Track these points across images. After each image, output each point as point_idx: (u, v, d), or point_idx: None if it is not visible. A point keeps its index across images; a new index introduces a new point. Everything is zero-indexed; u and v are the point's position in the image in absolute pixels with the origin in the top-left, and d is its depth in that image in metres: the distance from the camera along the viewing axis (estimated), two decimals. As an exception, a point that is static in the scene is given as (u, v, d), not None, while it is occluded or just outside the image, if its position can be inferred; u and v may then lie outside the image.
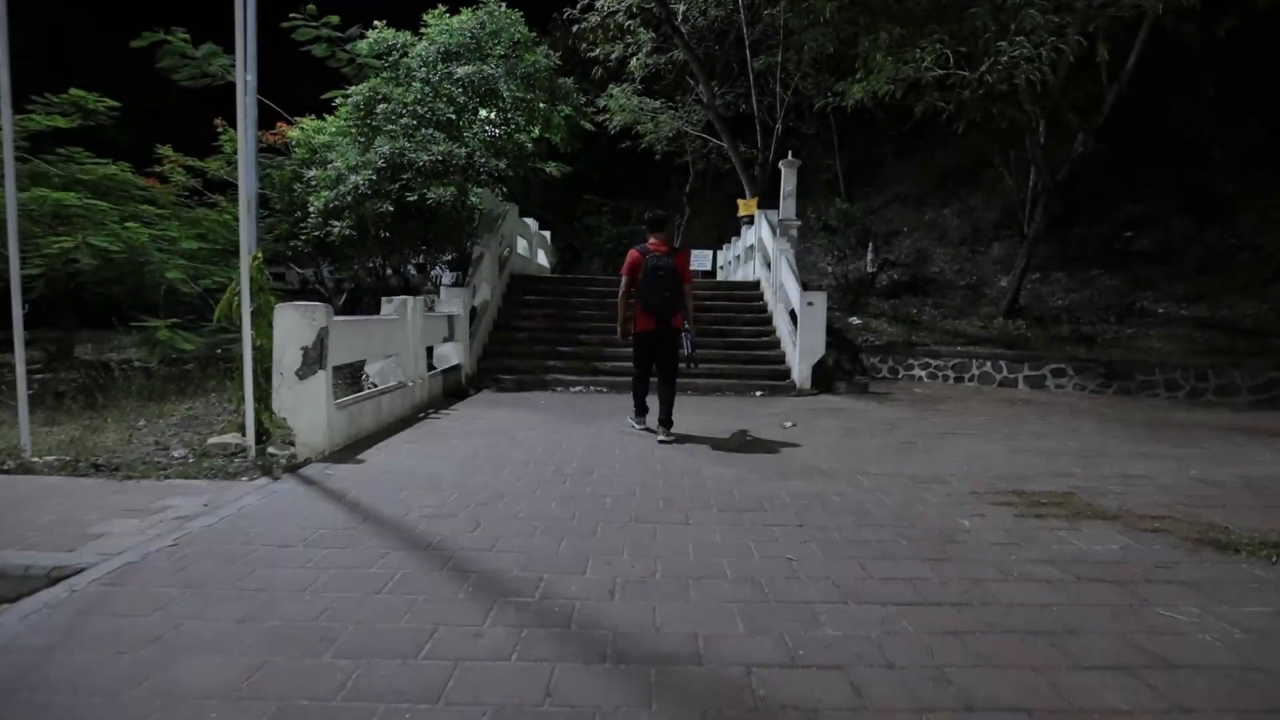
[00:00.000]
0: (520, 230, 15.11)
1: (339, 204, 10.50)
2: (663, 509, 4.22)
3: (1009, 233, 18.54)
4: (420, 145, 10.18)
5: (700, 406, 8.69)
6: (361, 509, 4.15)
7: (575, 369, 10.73)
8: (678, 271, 6.40)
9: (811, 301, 10.22)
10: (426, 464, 5.33)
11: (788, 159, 14.37)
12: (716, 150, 19.86)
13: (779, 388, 10.26)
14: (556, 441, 6.28)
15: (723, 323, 12.31)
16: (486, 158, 10.61)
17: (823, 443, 6.42)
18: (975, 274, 18.08)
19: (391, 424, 6.89)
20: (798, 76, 16.75)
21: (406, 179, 10.17)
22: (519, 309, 12.64)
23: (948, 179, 21.53)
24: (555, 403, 8.84)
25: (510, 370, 10.68)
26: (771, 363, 11.08)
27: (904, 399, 9.86)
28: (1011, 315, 14.86)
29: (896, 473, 5.23)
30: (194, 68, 14.35)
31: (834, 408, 8.84)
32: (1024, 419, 8.11)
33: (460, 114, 10.93)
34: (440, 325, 9.52)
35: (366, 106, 10.88)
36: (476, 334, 10.97)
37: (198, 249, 12.41)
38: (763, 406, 8.87)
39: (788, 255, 11.75)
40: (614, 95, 18.32)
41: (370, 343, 6.81)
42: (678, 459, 5.63)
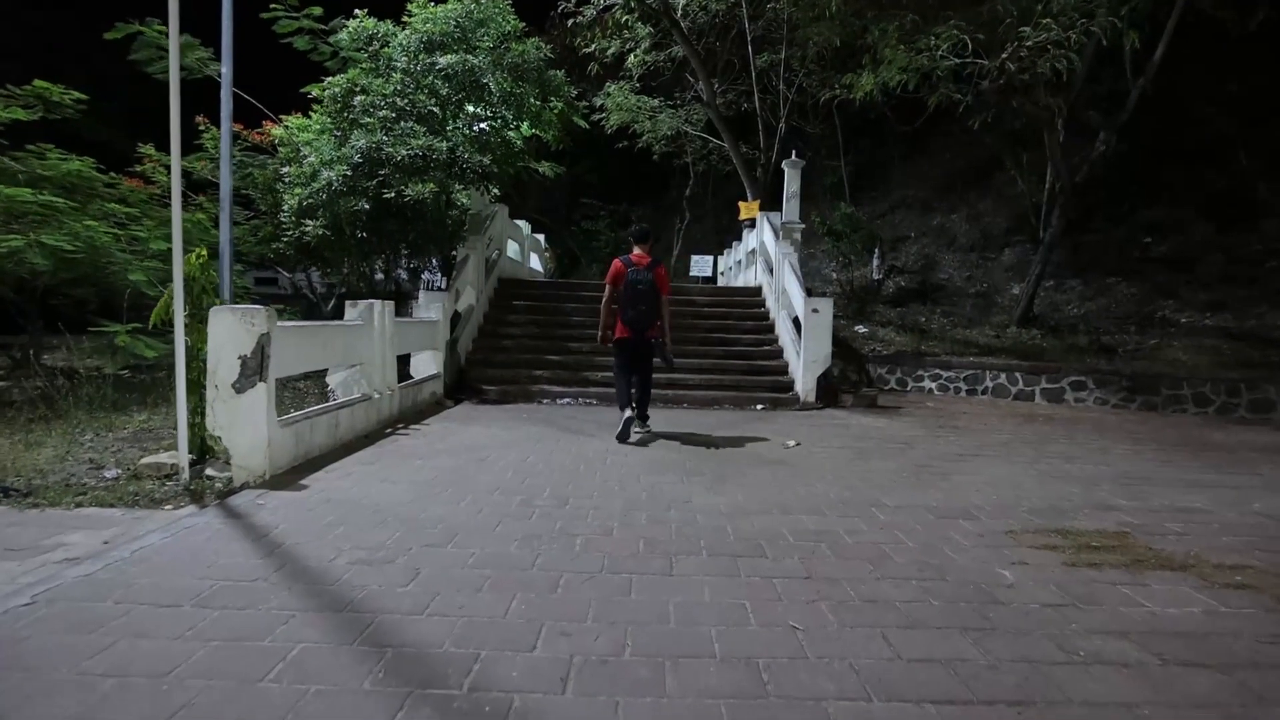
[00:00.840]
0: (511, 233, 14.46)
1: (313, 202, 9.87)
2: (643, 553, 3.54)
3: (1021, 238, 17.89)
4: (399, 139, 9.53)
5: (695, 421, 8.01)
6: (283, 551, 3.47)
7: (564, 379, 10.05)
8: (656, 286, 6.81)
9: (817, 308, 9.54)
10: (378, 491, 4.65)
11: (791, 159, 13.72)
12: (717, 151, 19.21)
13: (781, 400, 9.58)
14: (533, 463, 5.60)
15: (722, 331, 11.64)
16: (470, 153, 9.94)
17: (830, 466, 5.73)
18: (986, 281, 17.43)
19: (351, 442, 6.21)
20: (802, 73, 16.10)
21: (384, 175, 9.52)
22: (506, 315, 11.97)
23: (956, 183, 20.88)
24: (539, 416, 8.16)
25: (494, 380, 10.01)
26: (773, 374, 10.40)
27: (916, 414, 9.18)
28: (1025, 324, 14.21)
29: (916, 504, 4.55)
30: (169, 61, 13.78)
31: (841, 424, 8.16)
32: (1049, 438, 7.42)
33: (443, 107, 10.28)
34: (417, 332, 8.86)
35: (343, 99, 10.24)
36: (459, 341, 10.31)
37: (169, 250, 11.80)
38: (763, 422, 8.19)
39: (791, 259, 11.09)
40: (611, 94, 17.68)
41: (327, 351, 6.13)
42: (665, 486, 4.95)
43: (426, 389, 8.72)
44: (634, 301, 6.74)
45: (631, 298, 6.74)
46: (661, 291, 6.85)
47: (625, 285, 6.77)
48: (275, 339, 5.05)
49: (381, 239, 10.42)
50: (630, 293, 6.74)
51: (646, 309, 6.77)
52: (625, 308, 6.78)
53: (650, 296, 6.76)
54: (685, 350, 10.84)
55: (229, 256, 11.49)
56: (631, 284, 6.74)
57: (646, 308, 6.76)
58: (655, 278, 6.79)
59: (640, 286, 6.73)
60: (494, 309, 12.08)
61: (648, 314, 6.78)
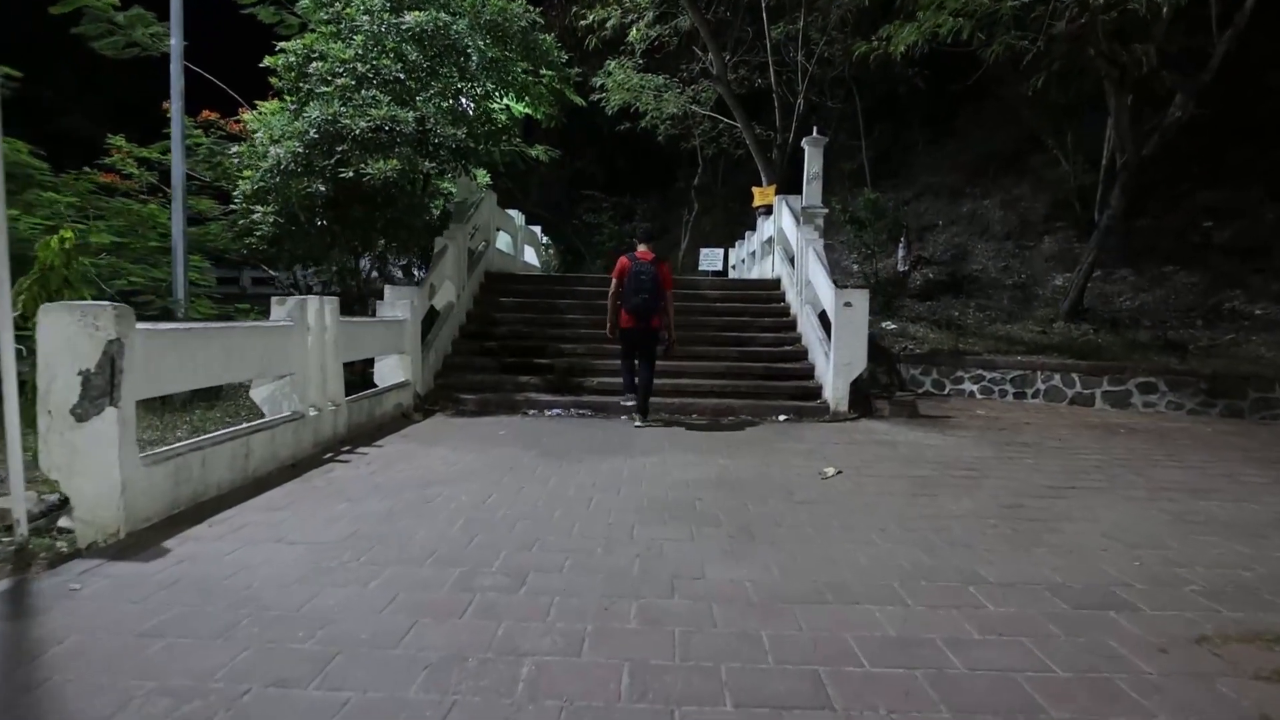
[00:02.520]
0: (501, 222, 13.09)
1: (264, 185, 8.52)
2: (629, 694, 2.16)
3: (1063, 224, 16.42)
4: (358, 110, 8.17)
5: (708, 438, 6.62)
6: (38, 696, 2.10)
7: (554, 386, 8.67)
8: (658, 278, 7.34)
9: (849, 302, 8.11)
10: (263, 560, 3.28)
11: (812, 136, 12.31)
12: (728, 132, 17.72)
13: (808, 410, 8.16)
14: (494, 506, 4.22)
15: (736, 329, 10.22)
16: (442, 125, 8.56)
17: (888, 508, 4.32)
18: (1024, 272, 15.96)
19: (271, 474, 4.85)
20: (822, 42, 14.62)
21: (342, 152, 8.16)
22: (492, 312, 10.60)
23: (988, 167, 19.37)
24: (520, 432, 6.79)
25: (474, 388, 8.64)
26: (797, 378, 8.98)
27: (969, 425, 7.75)
28: (1074, 318, 12.75)
29: (1032, 581, 3.13)
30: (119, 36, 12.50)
31: (883, 440, 6.74)
32: (1147, 457, 5.98)
33: (412, 74, 8.90)
34: (377, 334, 7.50)
35: (299, 68, 8.89)
36: (434, 343, 8.94)
37: (111, 244, 10.50)
38: (788, 438, 6.78)
39: (816, 246, 9.66)
40: (611, 72, 16.25)
41: (236, 360, 4.75)
42: (667, 546, 3.55)
43: (389, 400, 7.36)
44: (637, 290, 7.23)
45: (635, 287, 7.25)
46: (664, 284, 7.36)
47: (629, 276, 7.30)
48: (137, 347, 3.69)
49: (346, 228, 9.05)
50: (634, 282, 7.26)
51: (649, 297, 7.24)
52: (629, 297, 7.28)
53: (652, 286, 7.25)
54: (694, 351, 9.45)
55: (182, 250, 10.18)
56: (635, 274, 7.28)
57: (649, 296, 7.23)
58: (658, 270, 7.34)
59: (643, 276, 7.25)
60: (479, 306, 10.71)
61: (650, 302, 7.27)
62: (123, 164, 11.67)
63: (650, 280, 7.23)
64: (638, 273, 7.26)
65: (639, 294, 7.22)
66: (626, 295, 7.28)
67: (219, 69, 12.38)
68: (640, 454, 5.84)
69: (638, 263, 7.33)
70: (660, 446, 6.18)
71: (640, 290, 7.22)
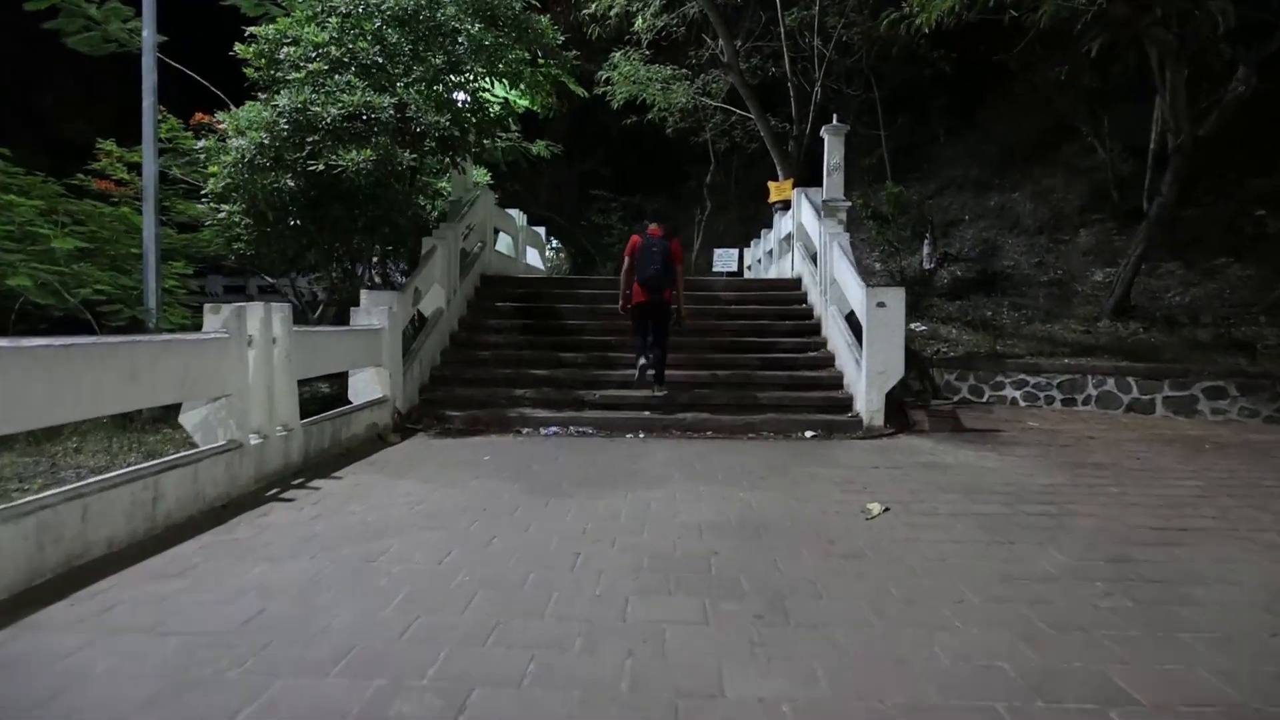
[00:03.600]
0: (500, 222, 12.21)
1: (231, 180, 7.67)
2: None
3: (1099, 216, 15.36)
4: (329, 96, 7.30)
5: (724, 461, 5.66)
6: None
7: (552, 401, 7.76)
8: (668, 251, 7.53)
9: (883, 302, 7.14)
10: (115, 664, 2.37)
11: (832, 124, 11.33)
12: (741, 125, 16.74)
13: (838, 425, 7.19)
14: (451, 569, 3.30)
15: (754, 333, 9.25)
16: (424, 111, 7.66)
17: (959, 568, 3.35)
18: (1060, 267, 14.92)
19: (189, 520, 3.95)
20: (840, 24, 13.63)
21: (313, 142, 7.29)
22: (487, 318, 9.71)
23: (1015, 158, 18.32)
24: (508, 457, 5.87)
25: (463, 403, 7.74)
26: (824, 387, 8.02)
27: (1024, 440, 6.75)
28: (1121, 316, 11.72)
29: (1195, 699, 2.16)
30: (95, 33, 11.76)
31: (930, 461, 5.76)
32: (1258, 484, 4.96)
33: (392, 58, 8.03)
34: (348, 345, 6.62)
35: (270, 55, 8.04)
36: (419, 353, 8.05)
37: (75, 249, 9.71)
38: (819, 461, 5.82)
39: (841, 241, 8.69)
40: (616, 64, 15.33)
41: (145, 384, 3.85)
42: (671, 636, 2.59)
43: (361, 420, 6.46)
44: (647, 262, 7.46)
45: (646, 259, 7.47)
46: (674, 258, 7.58)
47: (640, 249, 7.54)
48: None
49: (322, 228, 8.18)
50: (645, 255, 7.49)
51: (659, 269, 7.44)
52: (640, 270, 7.49)
53: (661, 258, 7.47)
54: (708, 360, 8.54)
55: (154, 253, 9.36)
56: (646, 247, 7.52)
57: (659, 267, 7.44)
58: (668, 245, 7.56)
59: (654, 249, 7.49)
60: (473, 312, 9.82)
61: (660, 274, 7.46)
62: (113, 169, 10.94)
63: (661, 253, 7.46)
64: (648, 246, 7.50)
65: (650, 265, 7.42)
66: (638, 268, 7.49)
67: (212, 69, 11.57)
68: (644, 485, 4.91)
69: (648, 238, 7.60)
70: (669, 475, 5.25)
71: (651, 262, 7.42)
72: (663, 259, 7.45)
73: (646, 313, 7.57)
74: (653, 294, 7.48)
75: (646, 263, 7.45)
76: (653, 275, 7.44)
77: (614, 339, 8.87)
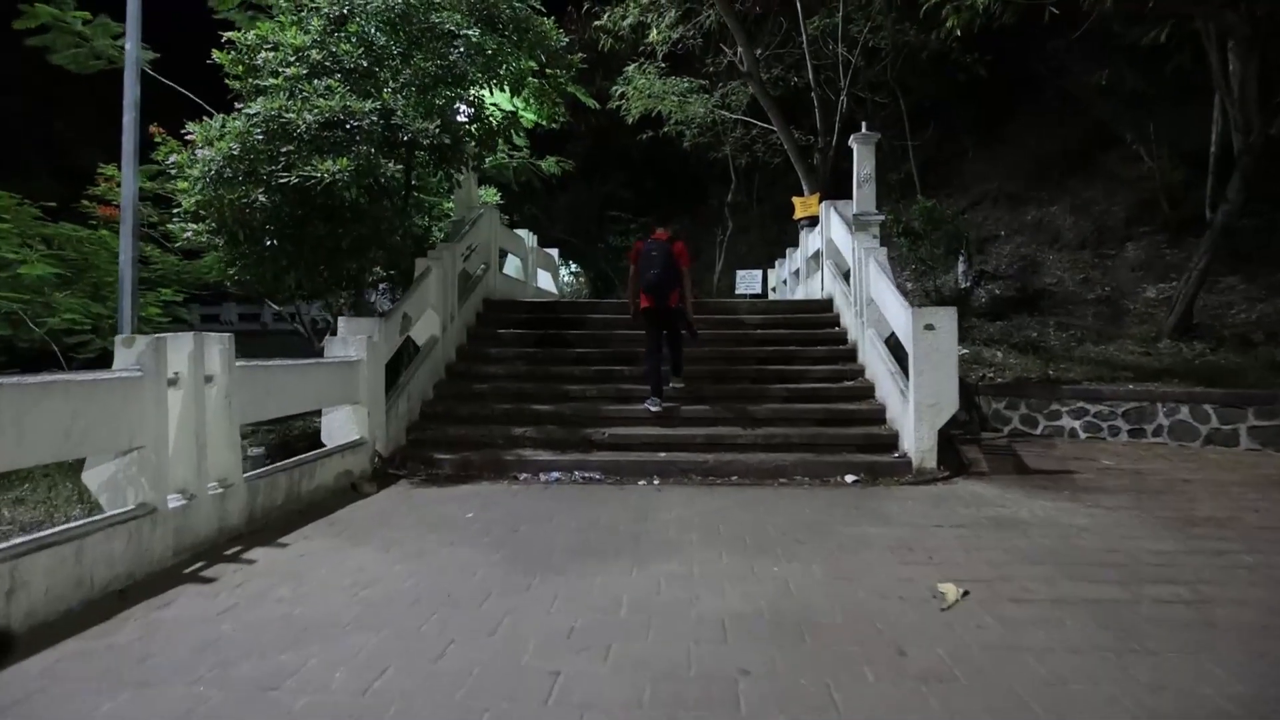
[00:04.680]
0: (507, 243, 11.41)
1: (202, 197, 6.92)
2: None
3: (1148, 229, 14.35)
4: (305, 102, 6.53)
5: (753, 522, 4.69)
6: None
7: (556, 441, 6.85)
8: (670, 253, 7.18)
9: (932, 324, 6.17)
10: None
11: (862, 133, 10.47)
12: (762, 138, 15.88)
13: (882, 467, 6.21)
14: (384, 699, 2.37)
15: (782, 360, 8.31)
16: (412, 118, 6.87)
17: (1087, 698, 2.35)
18: (1108, 284, 13.89)
19: (66, 615, 3.08)
20: (867, 28, 12.75)
21: (287, 154, 6.52)
22: (488, 346, 8.85)
23: (1051, 170, 17.33)
24: (495, 514, 4.96)
25: (454, 444, 6.86)
26: (864, 422, 7.04)
27: (1106, 485, 5.72)
28: (1183, 335, 10.68)
29: None
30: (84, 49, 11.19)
31: (1002, 517, 4.76)
32: None
33: (380, 61, 7.27)
34: (318, 380, 5.77)
35: (248, 61, 7.32)
36: (408, 387, 7.21)
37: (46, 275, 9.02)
38: (867, 516, 4.84)
39: (878, 257, 7.76)
40: (631, 78, 14.56)
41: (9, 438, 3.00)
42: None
43: (329, 469, 5.59)
44: (649, 266, 7.16)
45: (646, 264, 7.19)
46: (679, 261, 7.23)
47: (642, 254, 7.27)
48: None
49: (302, 248, 7.39)
50: (644, 260, 7.21)
51: (660, 272, 7.11)
52: (643, 275, 7.21)
53: (662, 260, 7.13)
54: (731, 391, 7.62)
55: (129, 279, 8.62)
56: (645, 252, 7.25)
57: (660, 270, 7.11)
58: (670, 248, 7.22)
59: (653, 253, 7.18)
60: (474, 340, 8.98)
61: (662, 276, 7.12)
62: (112, 194, 10.32)
63: (661, 255, 7.15)
64: (648, 250, 7.23)
65: (651, 268, 7.15)
66: (641, 274, 7.23)
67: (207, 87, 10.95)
68: (654, 554, 3.97)
69: (650, 241, 7.35)
70: (685, 537, 4.31)
71: (651, 265, 7.14)
72: (664, 261, 7.12)
73: (654, 321, 7.29)
74: (658, 300, 7.16)
75: (647, 266, 7.17)
76: (654, 279, 7.12)
77: (627, 369, 7.98)
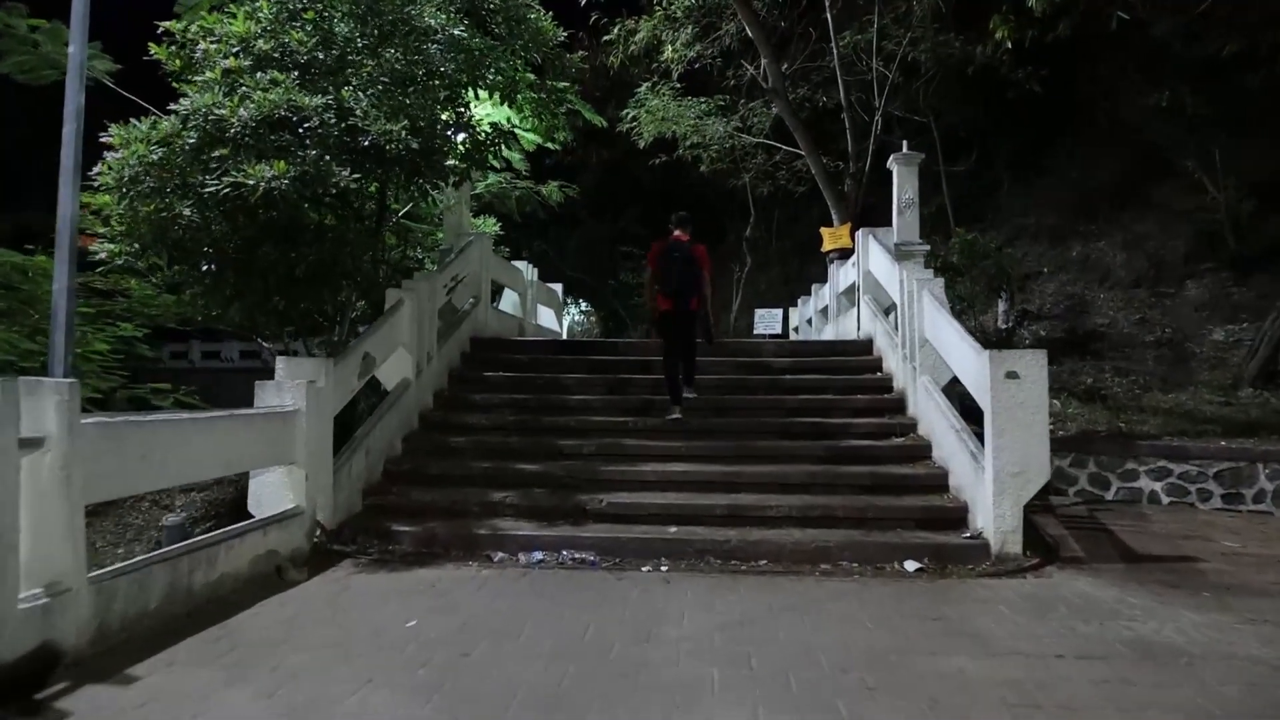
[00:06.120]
0: (501, 274, 10.24)
1: (121, 211, 5.79)
2: None
3: (1211, 265, 13.08)
4: (243, 97, 5.42)
5: (796, 651, 3.35)
6: None
7: (541, 509, 5.57)
8: (693, 255, 6.98)
9: (1015, 371, 4.87)
10: None
11: (903, 153, 9.30)
12: (786, 164, 14.74)
13: (951, 551, 4.88)
14: None
15: (816, 411, 6.99)
16: (374, 119, 5.72)
17: None
18: (1168, 325, 12.63)
19: None
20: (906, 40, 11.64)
21: (220, 157, 5.39)
22: (472, 391, 7.62)
23: (1098, 203, 16.12)
24: (450, 623, 3.67)
25: (420, 511, 5.59)
26: (921, 489, 5.71)
27: (1250, 584, 4.35)
28: (1268, 383, 9.40)
29: None
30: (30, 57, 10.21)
31: (1144, 641, 3.40)
32: None
33: (343, 57, 6.17)
34: (239, 435, 4.54)
35: (185, 54, 6.25)
36: (365, 441, 5.96)
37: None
38: (949, 632, 3.52)
39: (933, 290, 6.48)
40: (643, 99, 13.52)
41: None
42: None
43: (245, 551, 4.33)
44: (671, 268, 6.90)
45: (667, 265, 6.92)
46: (701, 266, 7.01)
47: (663, 255, 6.97)
48: None
49: (251, 275, 6.22)
50: (666, 261, 6.93)
51: (684, 273, 6.88)
52: (665, 279, 6.94)
53: (686, 263, 6.90)
54: (755, 448, 6.34)
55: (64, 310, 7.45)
56: (668, 252, 6.94)
57: (684, 272, 6.88)
58: (693, 250, 7.00)
59: (676, 254, 6.92)
60: (456, 384, 7.76)
61: (686, 279, 6.89)
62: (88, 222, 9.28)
63: (684, 258, 6.92)
64: (670, 251, 6.96)
65: (673, 270, 6.91)
66: (661, 276, 6.96)
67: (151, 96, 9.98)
68: (656, 714, 2.67)
69: (671, 243, 7.05)
70: (700, 679, 2.99)
71: (674, 268, 6.91)
72: (686, 264, 6.89)
73: (674, 325, 6.99)
74: (678, 303, 6.91)
75: (669, 269, 6.90)
76: (677, 283, 6.89)
77: (631, 420, 6.73)
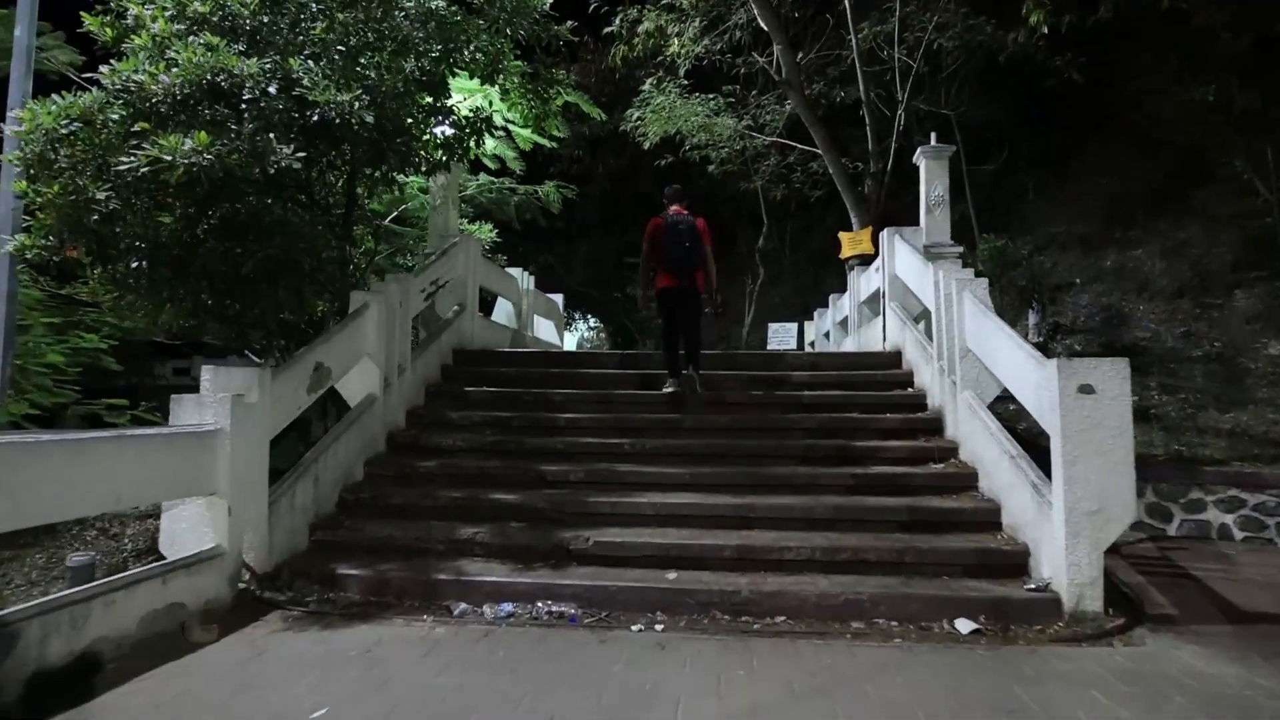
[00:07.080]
0: (491, 280, 9.40)
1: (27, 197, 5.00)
2: None
3: (1262, 273, 12.14)
4: (169, 63, 4.62)
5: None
6: None
7: (517, 548, 4.69)
8: (696, 229, 6.64)
9: (1090, 384, 3.95)
10: None
11: (931, 145, 8.45)
12: (801, 165, 13.87)
13: (1013, 607, 3.95)
14: None
15: (840, 432, 6.05)
16: (324, 87, 4.90)
17: None
18: (1217, 338, 11.66)
19: None
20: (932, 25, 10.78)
21: (141, 132, 4.59)
22: (450, 409, 6.74)
23: (1133, 209, 15.17)
24: (373, 706, 2.79)
25: (375, 550, 4.72)
26: (968, 527, 4.78)
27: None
28: (1339, 401, 8.43)
29: None
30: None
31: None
32: None
33: (296, 24, 5.38)
34: (141, 460, 3.68)
35: (116, 24, 5.46)
36: (313, 466, 5.10)
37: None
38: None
39: (976, 292, 5.57)
40: (648, 97, 12.73)
41: None
42: None
43: (135, 605, 3.46)
44: (675, 242, 6.56)
45: (672, 238, 6.57)
46: (703, 239, 6.67)
47: (664, 230, 6.62)
48: None
49: (189, 274, 5.40)
50: (671, 234, 6.58)
51: (689, 246, 6.56)
52: (667, 254, 6.59)
53: (689, 235, 6.57)
54: (773, 475, 5.43)
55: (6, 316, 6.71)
56: (671, 225, 6.60)
57: (688, 245, 6.56)
58: (694, 222, 6.65)
59: (680, 226, 6.59)
60: (433, 401, 6.90)
61: (690, 253, 6.58)
62: None
63: (688, 230, 6.58)
64: (674, 224, 6.60)
65: (677, 244, 6.55)
66: (665, 250, 6.58)
67: None
68: None
69: (672, 216, 6.69)
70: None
71: (680, 240, 6.55)
72: (690, 237, 6.55)
73: (676, 301, 6.69)
74: (682, 278, 6.61)
75: (673, 242, 6.52)
76: (681, 256, 6.55)
77: (626, 443, 5.85)
